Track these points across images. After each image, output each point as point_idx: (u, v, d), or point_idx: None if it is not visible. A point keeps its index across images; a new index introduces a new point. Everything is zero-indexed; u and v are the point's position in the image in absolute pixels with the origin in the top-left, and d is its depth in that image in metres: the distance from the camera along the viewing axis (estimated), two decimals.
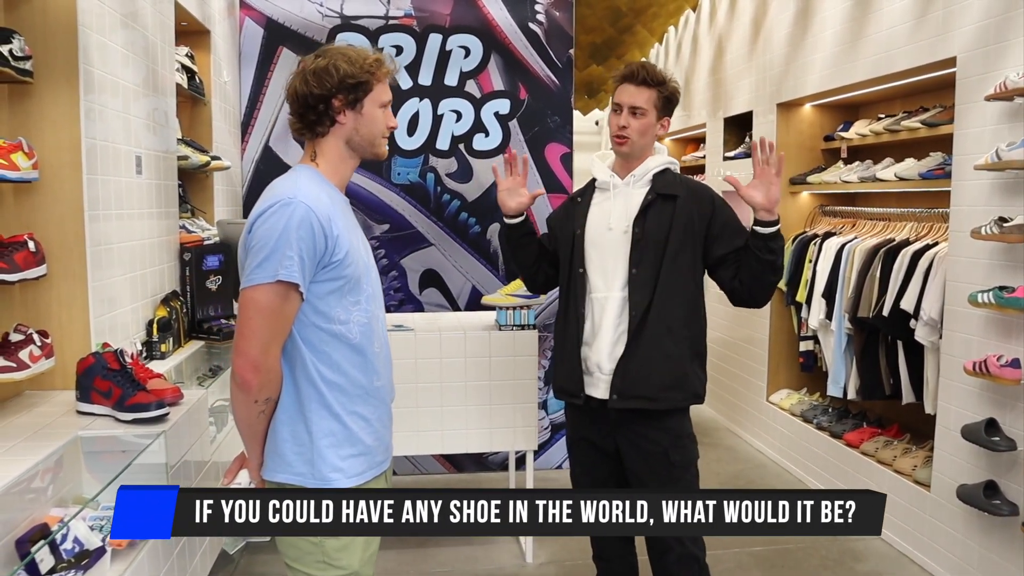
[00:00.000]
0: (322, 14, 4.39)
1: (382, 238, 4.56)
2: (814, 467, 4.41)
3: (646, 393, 2.37)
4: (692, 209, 2.42)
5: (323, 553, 1.71)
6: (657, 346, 2.37)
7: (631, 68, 2.43)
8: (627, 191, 2.46)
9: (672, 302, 2.38)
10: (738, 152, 5.42)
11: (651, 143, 2.48)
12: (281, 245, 1.62)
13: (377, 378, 1.82)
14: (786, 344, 4.91)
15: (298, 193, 1.66)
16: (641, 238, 2.39)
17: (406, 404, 3.41)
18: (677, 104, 2.51)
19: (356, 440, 1.76)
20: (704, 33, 6.08)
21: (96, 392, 2.10)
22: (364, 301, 1.77)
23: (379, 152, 1.85)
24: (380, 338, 1.85)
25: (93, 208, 2.41)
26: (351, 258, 1.72)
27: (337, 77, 1.72)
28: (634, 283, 2.38)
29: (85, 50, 2.34)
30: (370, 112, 1.77)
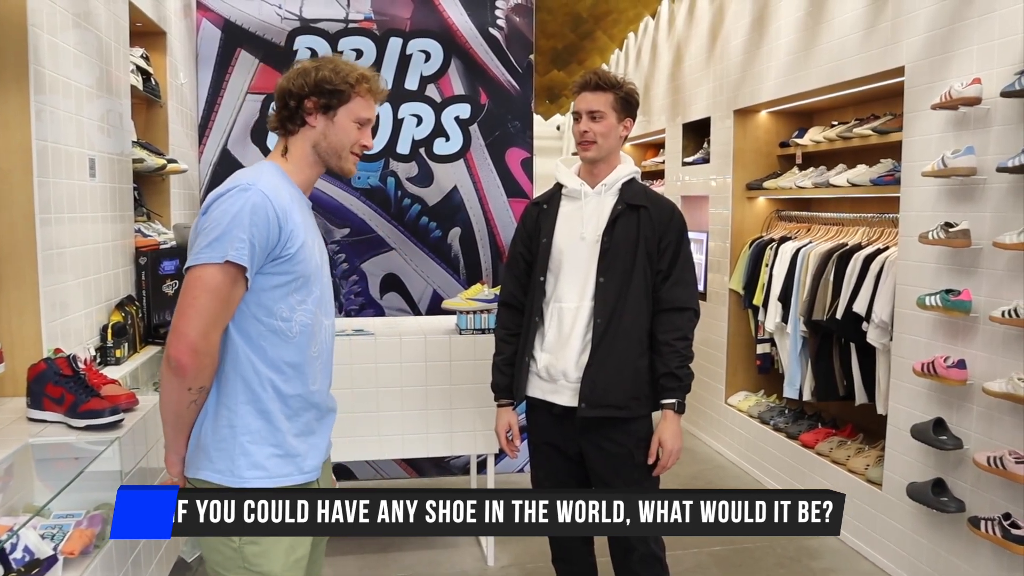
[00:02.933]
0: (280, 16, 4.36)
1: (342, 242, 4.54)
2: (771, 468, 4.48)
3: (615, 402, 2.39)
4: (654, 221, 2.43)
5: (243, 559, 1.67)
6: (623, 355, 2.39)
7: (585, 76, 2.46)
8: (597, 199, 2.46)
9: (636, 311, 2.40)
10: (696, 158, 5.50)
11: (617, 147, 2.48)
12: (233, 227, 1.61)
13: (312, 382, 1.79)
14: (744, 347, 4.99)
15: (258, 181, 1.67)
16: (609, 248, 2.40)
17: (366, 408, 3.41)
18: (637, 105, 2.52)
19: (282, 440, 1.73)
20: (663, 40, 6.17)
21: (48, 398, 2.06)
22: (311, 303, 1.76)
23: (345, 167, 1.85)
24: (320, 344, 1.82)
25: (45, 212, 2.36)
26: (303, 255, 1.71)
27: (314, 79, 1.75)
28: (600, 292, 2.40)
29: (35, 50, 2.30)
30: (342, 123, 1.79)
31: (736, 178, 4.89)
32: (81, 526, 1.82)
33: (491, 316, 3.55)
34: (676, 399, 2.39)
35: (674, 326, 2.41)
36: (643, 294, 2.40)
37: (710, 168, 5.21)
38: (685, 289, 2.44)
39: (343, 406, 3.35)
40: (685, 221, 2.52)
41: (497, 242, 4.65)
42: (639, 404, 2.42)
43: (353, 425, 3.40)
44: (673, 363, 2.38)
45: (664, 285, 2.42)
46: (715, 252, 5.17)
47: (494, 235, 4.65)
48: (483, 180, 4.64)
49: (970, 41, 3.00)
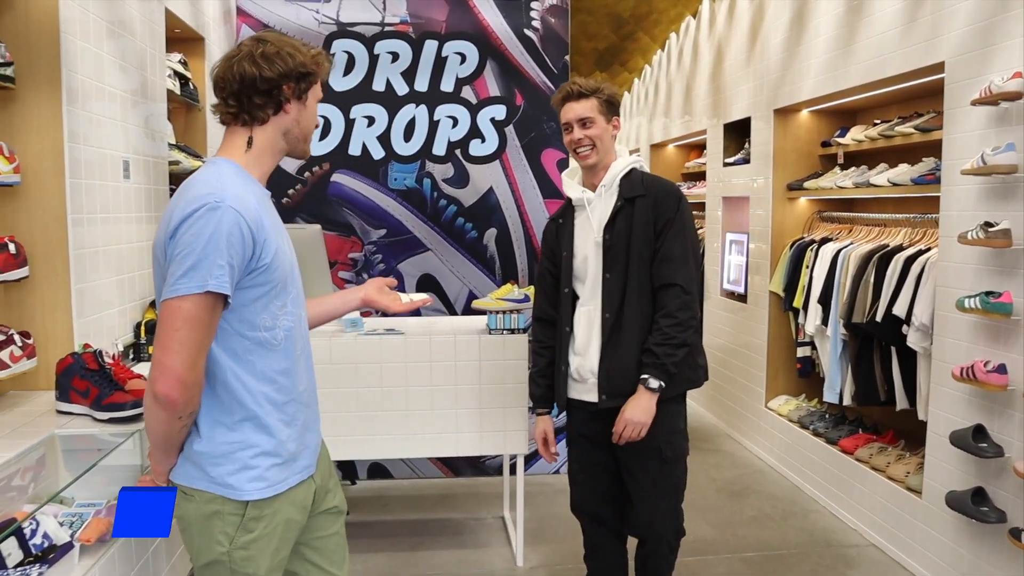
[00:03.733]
0: (318, 21, 4.44)
1: (379, 243, 4.59)
2: (810, 473, 4.38)
3: (626, 391, 2.46)
4: (650, 206, 2.49)
5: (231, 560, 1.65)
6: (630, 344, 2.48)
7: (564, 89, 2.54)
8: (600, 203, 2.56)
9: (639, 299, 2.48)
10: (737, 158, 5.42)
11: (610, 147, 2.57)
12: (210, 252, 1.51)
13: (300, 382, 1.76)
14: (784, 350, 4.89)
15: (225, 196, 1.55)
16: (611, 244, 2.51)
17: (396, 407, 3.44)
18: (619, 104, 2.62)
19: (281, 449, 1.69)
20: (704, 39, 6.09)
21: (74, 391, 2.13)
22: (290, 304, 1.71)
23: (307, 149, 1.79)
24: (302, 340, 1.78)
25: (77, 212, 2.45)
26: (278, 262, 1.64)
27: (292, 63, 1.66)
28: (607, 287, 2.51)
29: (68, 57, 2.39)
30: (311, 106, 1.73)
31: (776, 178, 4.80)
32: (100, 515, 1.88)
33: (521, 316, 3.55)
34: (647, 375, 2.42)
35: (660, 304, 2.47)
36: (643, 281, 2.48)
37: (750, 169, 5.13)
38: (670, 265, 2.46)
39: (373, 404, 3.44)
40: (684, 200, 2.54)
41: (533, 243, 4.65)
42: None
43: (383, 423, 3.44)
44: (653, 339, 2.43)
45: (653, 263, 2.48)
46: (756, 254, 5.08)
47: (530, 236, 4.66)
48: (519, 181, 4.65)
49: (1011, 34, 2.90)
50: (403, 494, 4.44)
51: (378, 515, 4.15)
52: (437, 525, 4.02)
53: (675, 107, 6.82)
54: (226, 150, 1.69)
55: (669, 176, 7.42)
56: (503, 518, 4.09)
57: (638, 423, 2.41)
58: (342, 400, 3.40)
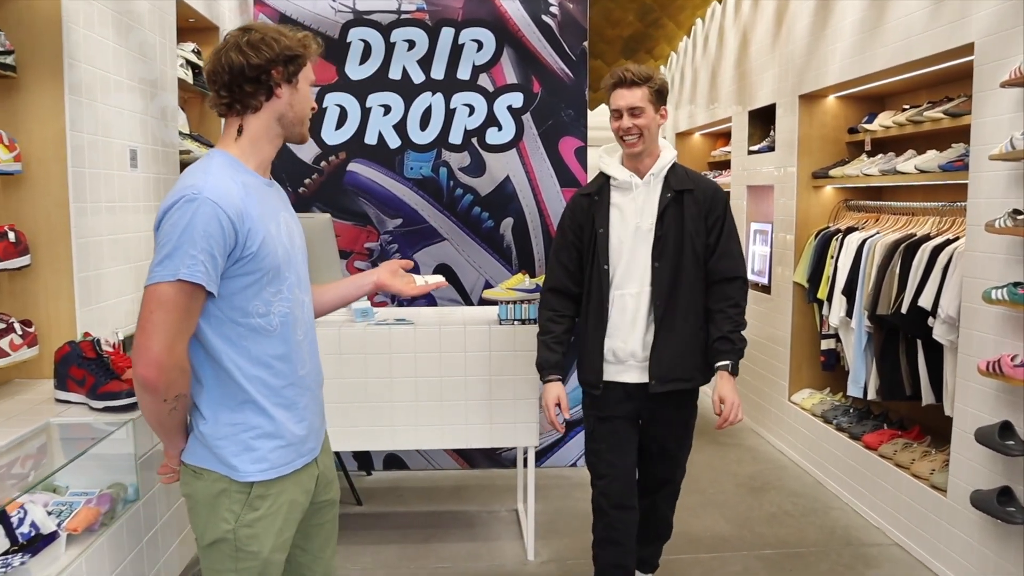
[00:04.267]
0: (335, 9, 4.41)
1: (395, 232, 4.57)
2: (833, 469, 4.28)
3: (681, 375, 2.64)
4: (700, 202, 2.63)
5: (235, 538, 1.68)
6: (683, 332, 2.62)
7: (618, 74, 2.58)
8: (647, 189, 2.64)
9: (691, 289, 2.61)
10: (762, 146, 5.30)
11: (657, 136, 2.64)
12: (184, 243, 1.54)
13: (301, 366, 1.77)
14: (808, 342, 4.78)
15: (204, 188, 1.58)
16: (663, 235, 2.60)
17: (405, 398, 3.41)
18: (668, 94, 2.68)
19: (283, 431, 1.73)
20: (730, 25, 5.96)
21: (71, 380, 2.13)
22: (286, 290, 1.72)
23: (305, 133, 1.79)
24: (303, 325, 1.79)
25: (80, 200, 2.45)
26: (266, 250, 1.65)
27: (278, 48, 1.67)
28: (657, 277, 2.60)
29: (72, 46, 2.38)
30: (303, 89, 1.73)
31: (801, 166, 4.68)
32: (91, 504, 1.88)
33: (532, 307, 3.49)
34: (729, 360, 2.58)
35: (725, 295, 2.62)
36: (695, 272, 2.61)
37: (775, 157, 5.01)
38: (732, 260, 2.64)
39: (382, 395, 3.41)
40: (727, 196, 2.73)
41: (550, 232, 4.59)
42: (703, 374, 2.68)
43: (392, 415, 3.41)
44: (726, 327, 2.59)
45: (713, 258, 2.63)
46: (780, 244, 4.97)
47: (547, 225, 4.60)
48: (536, 170, 4.59)
49: None
50: (418, 485, 4.42)
51: (392, 506, 4.13)
52: (450, 517, 3.99)
53: (700, 94, 6.69)
54: (222, 141, 1.72)
55: (695, 165, 7.30)
56: (517, 511, 4.05)
57: (740, 404, 2.59)
58: (350, 390, 3.38)
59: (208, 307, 1.63)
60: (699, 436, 5.30)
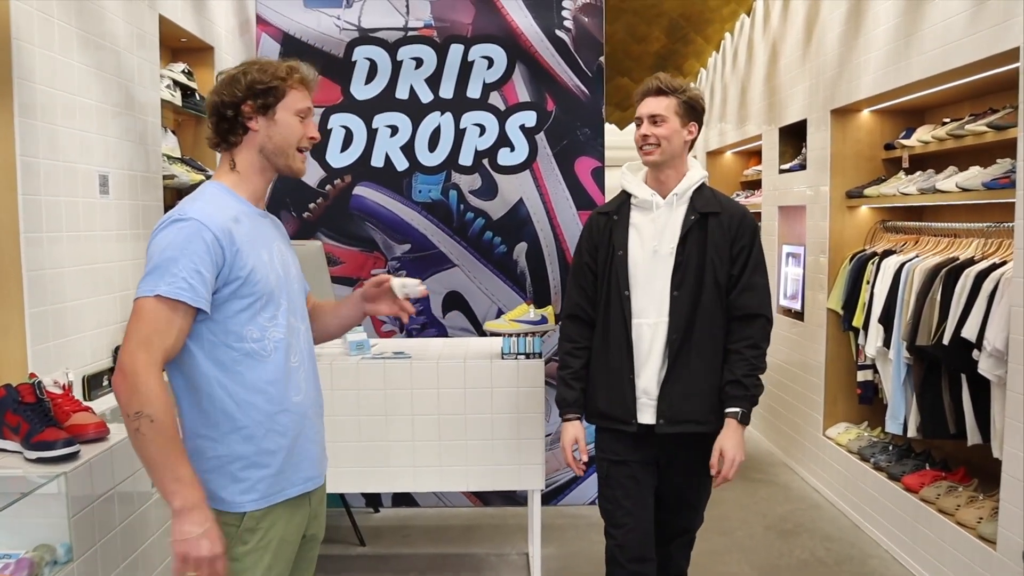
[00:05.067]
0: (339, 27, 4.27)
1: (403, 259, 4.38)
2: (871, 512, 3.94)
3: (694, 417, 2.37)
4: (724, 227, 2.38)
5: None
6: (699, 369, 2.36)
7: (647, 83, 2.41)
8: (668, 211, 2.40)
9: (710, 322, 2.37)
10: (793, 164, 5.01)
11: (682, 151, 2.40)
12: (166, 261, 1.59)
13: (296, 393, 1.77)
14: (844, 373, 4.46)
15: (191, 211, 1.65)
16: (683, 261, 2.36)
17: (401, 437, 3.20)
18: (702, 111, 2.45)
19: (269, 460, 1.72)
20: (759, 38, 5.69)
21: (7, 427, 1.96)
22: (281, 316, 1.74)
23: (293, 165, 1.80)
24: (300, 352, 1.80)
25: (34, 230, 2.30)
26: (258, 275, 1.69)
27: (245, 83, 1.72)
28: (675, 307, 2.36)
29: (25, 68, 2.25)
30: (283, 119, 1.74)
31: (834, 185, 4.39)
32: (7, 571, 1.69)
33: (537, 339, 3.26)
34: (740, 408, 2.33)
35: (744, 334, 2.37)
36: (716, 305, 2.37)
37: (807, 175, 4.72)
38: (755, 295, 2.38)
39: (376, 433, 3.20)
40: (757, 225, 2.49)
41: (566, 257, 4.36)
42: (717, 417, 2.37)
43: (386, 455, 3.20)
44: (740, 371, 2.34)
45: (734, 291, 2.38)
46: (813, 267, 4.67)
47: (563, 250, 4.37)
48: (551, 192, 4.37)
49: None
50: (427, 524, 4.19)
51: (397, 547, 3.91)
52: (456, 560, 3.76)
53: (731, 111, 6.42)
54: (217, 172, 1.80)
55: (727, 185, 7.01)
56: (528, 555, 3.80)
57: (742, 460, 2.33)
58: (341, 429, 3.17)
59: (201, 330, 1.65)
60: None
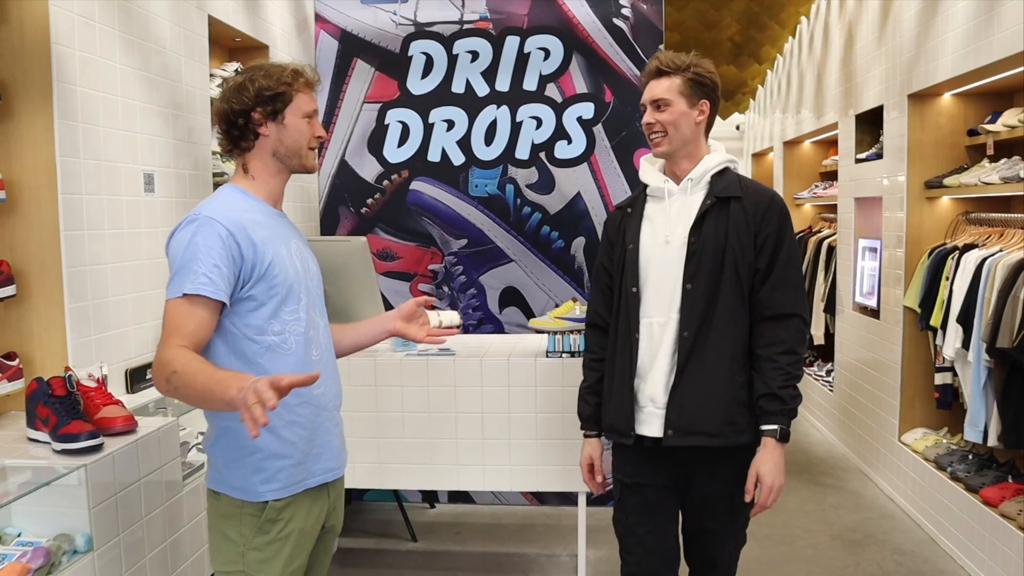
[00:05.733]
0: (396, 23, 4.27)
1: (460, 254, 4.36)
2: (947, 525, 3.69)
3: (706, 428, 2.07)
4: (748, 213, 2.10)
5: (244, 563, 1.73)
6: (714, 373, 2.07)
7: (648, 64, 2.18)
8: (683, 198, 2.14)
9: (729, 320, 2.08)
10: (870, 153, 4.73)
11: (695, 136, 2.14)
12: (187, 260, 1.65)
13: (317, 386, 1.79)
14: (923, 375, 4.19)
15: (204, 210, 1.71)
16: (697, 249, 2.09)
17: (445, 435, 3.18)
18: (714, 86, 2.16)
19: (291, 450, 1.76)
20: (835, 20, 5.41)
21: (38, 419, 2.02)
22: (302, 311, 1.78)
23: (307, 164, 1.85)
24: (320, 345, 1.85)
25: (75, 228, 2.36)
26: (277, 269, 1.73)
27: (253, 90, 1.75)
28: (687, 301, 2.09)
29: (64, 72, 2.31)
30: (292, 122, 1.79)
31: (912, 175, 4.12)
32: (24, 559, 1.74)
33: (582, 337, 3.18)
34: (778, 425, 2.03)
35: (777, 338, 2.07)
36: (736, 300, 2.08)
37: (883, 165, 4.45)
38: (788, 292, 2.08)
39: (418, 430, 3.19)
40: (787, 211, 2.15)
41: None
42: (737, 431, 2.08)
43: (429, 452, 3.18)
44: (776, 382, 2.03)
45: (763, 288, 2.08)
46: (889, 262, 4.40)
47: None
48: (609, 185, 4.27)
49: None
50: (481, 522, 4.17)
51: (448, 544, 3.90)
52: (506, 560, 3.71)
53: (807, 99, 6.14)
54: (233, 176, 1.86)
55: (805, 176, 6.72)
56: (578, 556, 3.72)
57: (781, 486, 2.04)
58: (386, 425, 3.18)
59: (224, 324, 1.70)
60: (796, 475, 4.81)
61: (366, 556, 3.78)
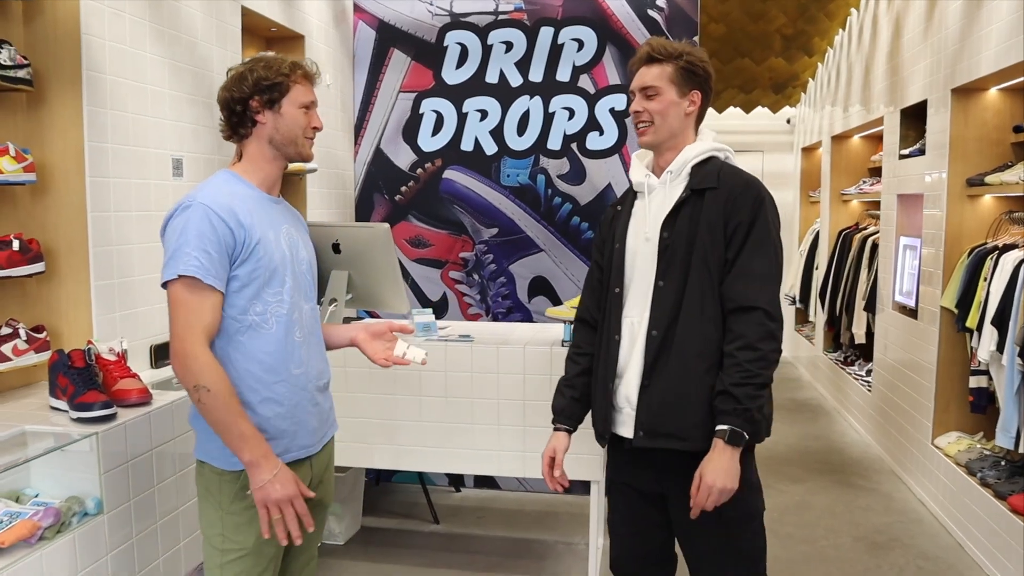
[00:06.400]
0: (432, 13, 4.33)
1: (490, 242, 4.41)
2: (975, 531, 3.60)
3: (674, 431, 1.98)
4: (720, 202, 1.99)
5: (223, 527, 1.83)
6: (682, 372, 1.98)
7: (639, 50, 2.08)
8: (662, 192, 2.07)
9: (701, 318, 1.97)
10: (913, 149, 4.61)
11: (683, 127, 2.06)
12: (181, 244, 1.73)
13: (297, 366, 1.88)
14: (958, 378, 4.08)
15: (197, 196, 1.79)
16: (669, 244, 2.01)
17: (461, 419, 3.24)
18: (706, 75, 2.07)
19: (267, 425, 1.82)
20: (883, 11, 5.26)
21: (58, 388, 2.14)
22: (285, 293, 1.86)
23: (303, 152, 1.93)
24: (304, 327, 1.92)
25: (102, 209, 2.48)
26: (261, 251, 1.81)
27: (252, 80, 1.85)
28: (658, 298, 2.02)
29: (94, 60, 2.42)
30: (289, 112, 1.87)
31: (953, 172, 4.01)
32: (36, 517, 1.85)
33: None
34: (728, 426, 1.90)
35: (736, 332, 1.94)
36: (706, 295, 1.98)
37: (925, 161, 4.34)
38: (750, 283, 1.95)
39: (435, 414, 3.25)
40: (766, 200, 2.00)
41: None
42: (707, 433, 1.94)
43: (446, 436, 3.25)
44: (729, 379, 1.91)
45: (727, 279, 1.97)
46: (928, 261, 4.29)
47: None
48: None
49: None
50: (504, 507, 4.23)
51: (470, 528, 3.97)
52: (524, 546, 3.76)
53: (855, 92, 5.99)
54: (231, 162, 1.97)
55: (853, 172, 6.57)
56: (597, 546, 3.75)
57: (723, 489, 1.90)
58: (404, 408, 3.25)
59: None
60: (827, 475, 4.74)
61: (389, 535, 3.87)
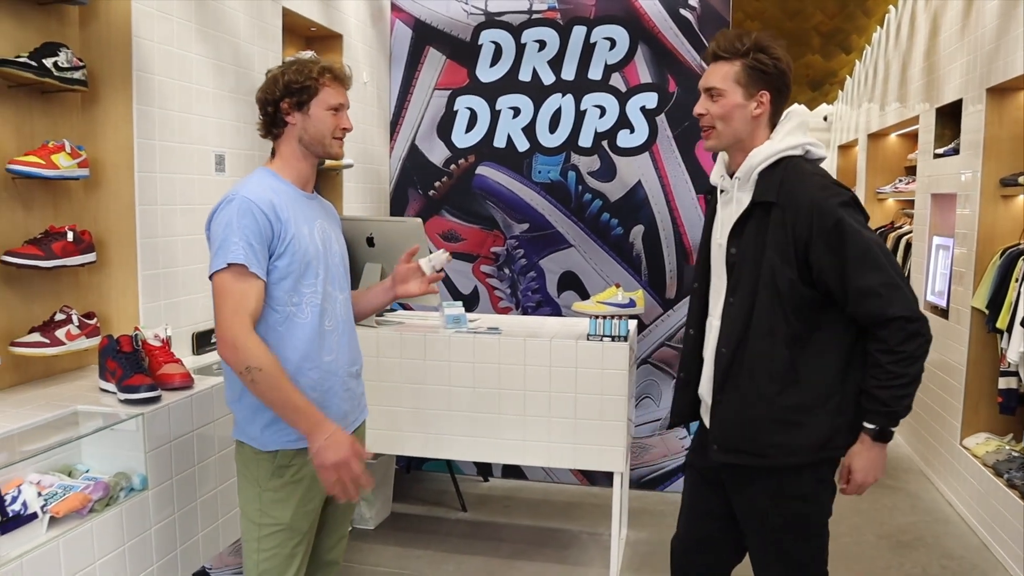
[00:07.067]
0: (467, 12, 4.42)
1: (521, 238, 4.49)
2: (1001, 532, 3.60)
3: (749, 448, 1.99)
4: (787, 223, 1.89)
5: (261, 503, 1.95)
6: (753, 392, 1.96)
7: (709, 44, 2.01)
8: (735, 197, 1.99)
9: (774, 339, 1.92)
10: (947, 149, 4.59)
11: (749, 129, 1.95)
12: (228, 235, 1.85)
13: (328, 353, 1.99)
14: (988, 378, 4.07)
15: (240, 190, 1.91)
16: (737, 261, 1.97)
17: (488, 409, 3.33)
18: (779, 73, 1.95)
19: None
20: (921, 10, 5.23)
21: (107, 371, 2.28)
22: (318, 284, 1.97)
23: (331, 151, 2.04)
24: (335, 316, 2.03)
25: (150, 203, 2.62)
26: (296, 245, 1.92)
27: (283, 83, 1.97)
28: (728, 314, 1.99)
29: (143, 61, 2.56)
30: (317, 114, 1.99)
31: (987, 172, 3.99)
32: (87, 491, 1.99)
33: (623, 323, 3.27)
34: (874, 424, 1.90)
35: (879, 337, 1.88)
36: (775, 315, 1.92)
37: (959, 161, 4.32)
38: (874, 300, 1.85)
39: (463, 404, 3.35)
40: (830, 210, 1.86)
41: (683, 242, 4.29)
42: (785, 451, 1.95)
43: (473, 425, 3.34)
44: (869, 381, 1.89)
45: (848, 307, 1.89)
46: (959, 261, 4.28)
47: (680, 234, 4.30)
48: (670, 175, 4.30)
49: None
50: (531, 497, 4.32)
51: (496, 516, 4.07)
52: (548, 535, 3.85)
53: (891, 90, 5.95)
54: (267, 162, 2.07)
55: (889, 171, 6.52)
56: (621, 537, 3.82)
57: (872, 482, 1.96)
58: (432, 397, 3.36)
59: None
60: None
61: (416, 521, 3.99)
